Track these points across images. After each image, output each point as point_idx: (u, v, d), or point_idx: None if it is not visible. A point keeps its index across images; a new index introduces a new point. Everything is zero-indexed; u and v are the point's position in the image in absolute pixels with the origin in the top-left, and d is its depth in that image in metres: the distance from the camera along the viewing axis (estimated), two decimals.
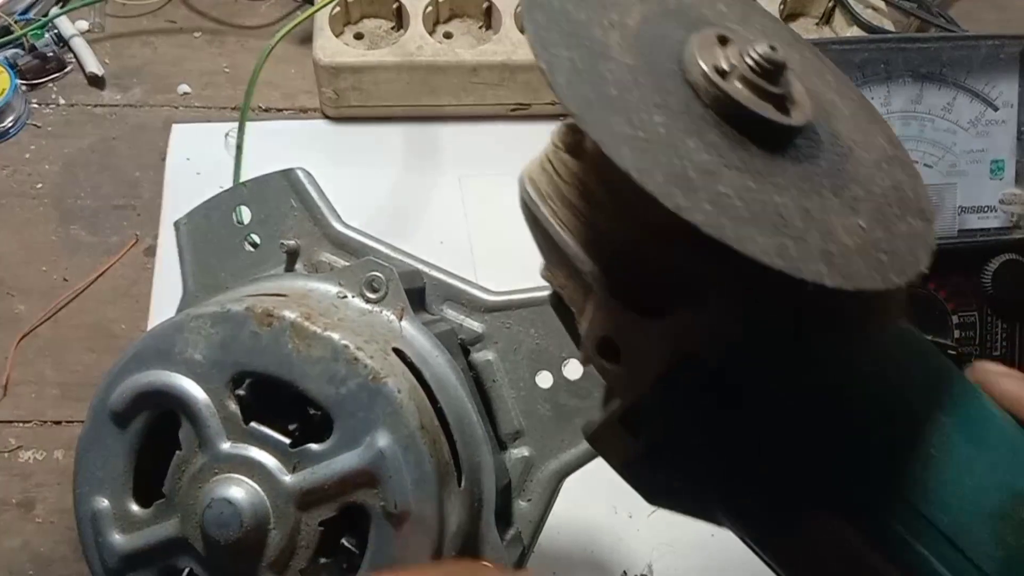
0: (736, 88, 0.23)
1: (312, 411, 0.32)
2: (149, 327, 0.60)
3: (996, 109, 0.55)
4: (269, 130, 0.71)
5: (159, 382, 0.32)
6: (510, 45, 0.69)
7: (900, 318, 0.25)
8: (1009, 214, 0.55)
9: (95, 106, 0.72)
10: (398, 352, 0.33)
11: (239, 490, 0.30)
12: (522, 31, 0.71)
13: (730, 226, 0.20)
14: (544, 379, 0.39)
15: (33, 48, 0.73)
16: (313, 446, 0.31)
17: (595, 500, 0.55)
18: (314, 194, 0.40)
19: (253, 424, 0.31)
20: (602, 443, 0.26)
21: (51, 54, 0.73)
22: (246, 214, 0.41)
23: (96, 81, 0.73)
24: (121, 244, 0.64)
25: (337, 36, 0.69)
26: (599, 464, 0.54)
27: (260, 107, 0.72)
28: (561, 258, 0.26)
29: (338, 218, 0.40)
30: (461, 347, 0.39)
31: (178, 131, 0.70)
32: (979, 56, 0.54)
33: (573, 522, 0.54)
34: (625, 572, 0.53)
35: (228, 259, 0.41)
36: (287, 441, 0.31)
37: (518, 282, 0.40)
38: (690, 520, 0.55)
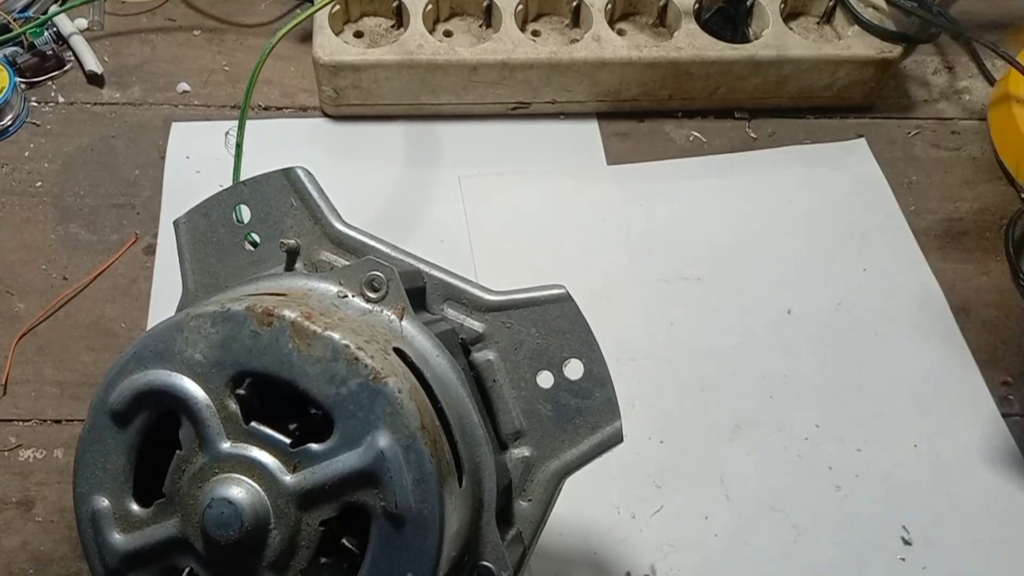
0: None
1: (312, 411, 0.32)
2: (149, 326, 0.60)
3: None
4: (269, 128, 0.71)
5: (159, 382, 0.32)
6: (510, 44, 0.69)
7: None
8: None
9: (94, 104, 0.72)
10: (399, 352, 0.33)
11: (239, 490, 0.30)
12: (522, 30, 0.71)
13: None
14: (545, 379, 0.39)
15: (32, 46, 0.73)
16: (313, 446, 0.31)
17: (598, 502, 0.55)
18: (314, 193, 0.40)
19: (253, 424, 0.31)
20: None
21: (50, 52, 0.73)
22: (246, 213, 0.41)
23: (95, 79, 0.73)
24: (120, 243, 0.64)
25: (337, 34, 0.69)
26: (601, 465, 0.54)
27: (260, 105, 0.72)
28: None
29: (338, 217, 0.40)
30: (462, 347, 0.39)
31: (177, 129, 0.70)
32: None
33: (576, 524, 0.54)
34: (628, 573, 0.53)
35: (228, 258, 0.41)
36: (287, 441, 0.31)
37: (518, 282, 0.40)
38: (693, 520, 0.56)
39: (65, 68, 0.73)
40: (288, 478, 0.31)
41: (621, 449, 0.57)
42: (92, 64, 0.72)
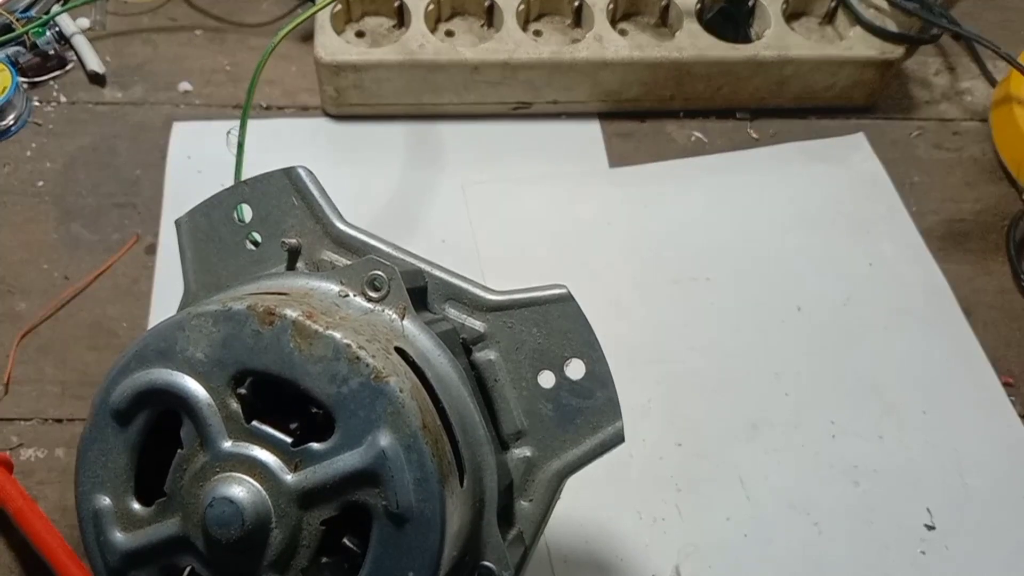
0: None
1: (314, 410, 0.32)
2: (150, 325, 0.60)
3: None
4: (270, 128, 0.71)
5: (160, 380, 0.32)
6: (512, 43, 0.69)
7: None
8: None
9: (96, 104, 0.72)
10: (400, 351, 0.33)
11: (241, 489, 0.30)
12: (523, 30, 0.71)
13: None
14: (546, 379, 0.39)
15: (34, 46, 0.73)
16: (315, 445, 0.31)
17: (621, 508, 0.55)
18: (315, 192, 0.40)
19: (255, 423, 0.31)
20: None
21: (52, 52, 0.73)
22: (247, 212, 0.41)
23: (97, 79, 0.73)
24: (122, 242, 0.64)
25: (338, 34, 0.69)
26: (622, 471, 0.54)
27: (261, 105, 0.72)
28: None
29: (340, 216, 0.40)
30: (463, 346, 0.39)
31: (179, 129, 0.70)
32: None
33: (600, 531, 0.54)
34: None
35: (229, 257, 0.41)
36: (289, 440, 0.31)
37: (527, 283, 0.40)
38: (715, 521, 0.55)
39: (67, 68, 0.73)
40: (289, 477, 0.31)
41: (640, 454, 0.57)
42: (94, 64, 0.72)
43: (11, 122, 0.69)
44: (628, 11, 0.76)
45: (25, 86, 0.71)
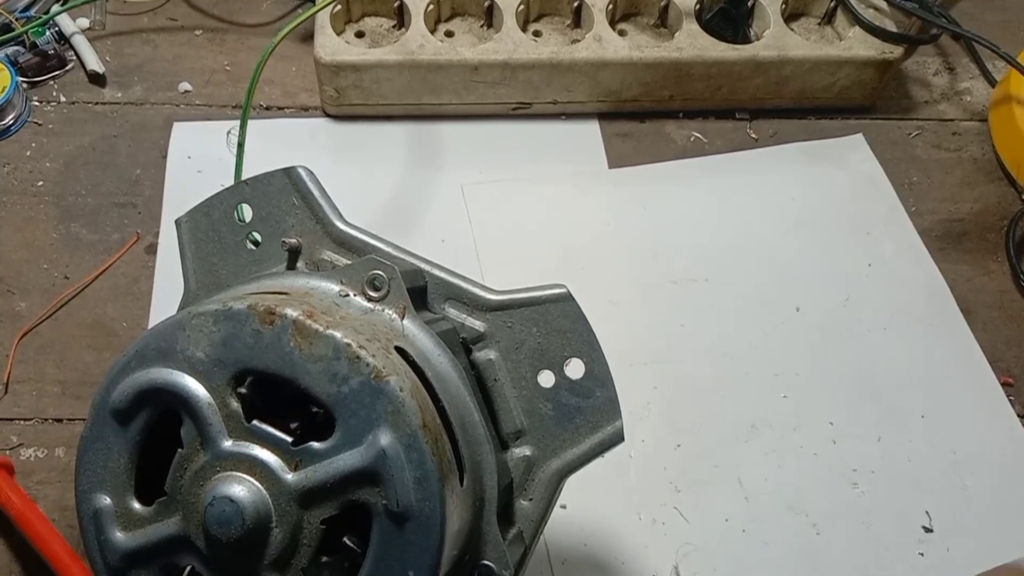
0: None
1: (314, 409, 0.32)
2: (150, 325, 0.60)
3: None
4: (270, 128, 0.71)
5: (161, 380, 0.32)
6: (511, 44, 0.69)
7: None
8: None
9: (96, 104, 0.72)
10: (400, 351, 0.33)
11: (241, 488, 0.30)
12: (523, 30, 0.71)
13: None
14: (546, 378, 0.39)
15: (34, 46, 0.73)
16: (315, 444, 0.31)
17: (620, 509, 0.55)
18: (316, 192, 0.40)
19: (255, 422, 0.31)
20: None
21: (52, 52, 0.73)
22: (247, 212, 0.41)
23: (97, 79, 0.73)
24: (122, 242, 0.64)
25: (338, 34, 0.69)
26: (621, 472, 0.54)
27: (261, 105, 0.72)
28: None
29: (340, 216, 0.40)
30: (463, 346, 0.39)
31: (179, 129, 0.70)
32: None
33: (600, 532, 0.54)
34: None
35: (229, 257, 0.41)
36: (289, 439, 0.31)
37: (526, 284, 0.40)
38: (714, 522, 0.55)
39: (67, 67, 0.73)
40: (290, 476, 0.31)
41: (640, 454, 0.57)
42: (94, 64, 0.72)
43: (11, 122, 0.69)
44: (627, 11, 0.76)
45: (25, 86, 0.71)
